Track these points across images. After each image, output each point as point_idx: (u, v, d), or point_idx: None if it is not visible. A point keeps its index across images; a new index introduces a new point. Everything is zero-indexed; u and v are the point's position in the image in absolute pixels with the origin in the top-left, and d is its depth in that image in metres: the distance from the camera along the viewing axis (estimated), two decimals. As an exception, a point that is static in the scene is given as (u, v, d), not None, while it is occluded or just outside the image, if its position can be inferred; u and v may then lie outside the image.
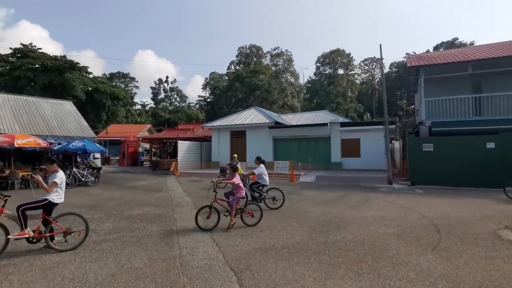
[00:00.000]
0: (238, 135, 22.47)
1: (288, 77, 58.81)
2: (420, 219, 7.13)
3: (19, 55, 43.12)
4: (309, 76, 62.81)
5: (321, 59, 56.97)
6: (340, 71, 57.27)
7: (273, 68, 58.61)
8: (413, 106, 29.01)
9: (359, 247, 5.10)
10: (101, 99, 45.39)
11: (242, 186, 6.62)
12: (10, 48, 43.58)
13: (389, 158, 14.76)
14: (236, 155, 14.55)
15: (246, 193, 8.63)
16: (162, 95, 69.17)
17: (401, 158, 20.77)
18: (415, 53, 24.67)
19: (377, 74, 59.47)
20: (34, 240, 4.76)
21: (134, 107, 59.95)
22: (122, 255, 4.70)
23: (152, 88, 69.02)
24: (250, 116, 22.54)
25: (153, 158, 26.33)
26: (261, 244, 5.26)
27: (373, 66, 60.85)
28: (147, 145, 31.89)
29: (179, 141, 21.27)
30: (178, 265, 4.31)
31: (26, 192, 11.38)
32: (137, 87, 68.84)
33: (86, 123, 23.41)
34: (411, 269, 4.12)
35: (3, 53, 43.25)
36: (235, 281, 3.80)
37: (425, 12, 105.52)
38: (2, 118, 19.08)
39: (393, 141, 23.88)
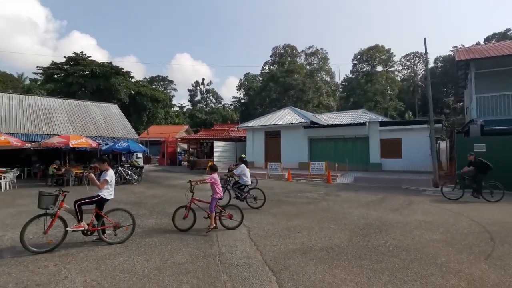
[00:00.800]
0: (272, 135, 22.48)
1: (323, 75, 57.58)
2: (471, 225, 6.58)
3: (72, 63, 47.09)
4: (345, 74, 61.16)
5: (358, 56, 55.00)
6: (379, 68, 54.79)
7: (308, 67, 57.76)
8: (461, 104, 26.90)
9: (404, 253, 4.84)
10: (142, 102, 48.04)
11: (218, 187, 6.30)
12: (64, 57, 47.81)
13: (435, 159, 13.82)
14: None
15: (230, 193, 8.86)
16: (199, 97, 71.48)
17: (448, 160, 19.34)
18: (463, 46, 22.82)
19: (420, 69, 56.00)
20: (88, 232, 5.17)
21: (172, 109, 62.65)
22: (165, 250, 4.93)
23: (189, 90, 71.64)
24: (285, 116, 22.42)
25: (191, 158, 27.27)
26: (299, 246, 5.21)
27: (416, 62, 57.40)
28: (185, 145, 33.12)
29: (215, 142, 21.81)
30: (218, 262, 4.42)
31: (79, 188, 12.42)
32: (175, 89, 71.88)
33: (129, 125, 24.91)
34: (462, 279, 3.83)
35: (58, 61, 47.63)
36: (274, 281, 3.81)
37: (473, 1, 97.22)
38: (58, 121, 21.00)
39: (438, 141, 22.33)
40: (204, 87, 71.55)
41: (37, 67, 48.98)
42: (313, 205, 9.18)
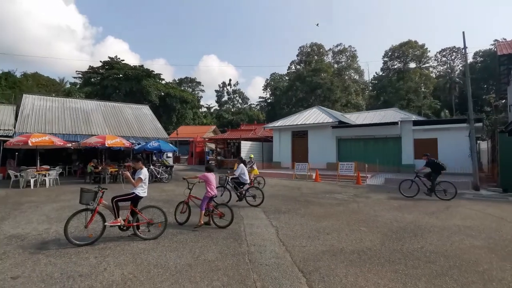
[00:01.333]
0: (299, 135, 22.25)
1: (352, 74, 56.00)
2: (518, 231, 6.10)
3: (107, 67, 49.75)
4: (375, 72, 59.04)
5: (389, 53, 52.83)
6: (412, 65, 52.27)
7: (336, 66, 56.51)
8: (503, 101, 24.97)
9: (442, 259, 4.59)
10: (172, 103, 49.61)
11: (209, 186, 6.40)
12: (100, 62, 50.62)
13: (475, 160, 12.96)
14: (252, 155, 14.62)
15: (230, 193, 9.13)
16: (226, 97, 72.47)
17: (490, 161, 18.04)
18: (505, 39, 21.12)
19: (458, 65, 52.73)
20: (124, 228, 5.43)
21: (200, 109, 64.13)
22: (196, 247, 5.05)
23: (216, 91, 72.91)
24: (312, 116, 22.11)
25: (218, 158, 27.73)
26: (329, 247, 5.12)
27: (453, 57, 54.09)
28: (212, 145, 33.74)
29: (242, 142, 22.02)
30: (247, 261, 4.45)
31: (114, 186, 13.06)
32: (202, 90, 73.47)
33: (160, 125, 25.81)
34: (505, 287, 3.56)
35: (95, 66, 50.56)
36: (304, 282, 3.76)
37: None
38: (95, 122, 22.26)
39: (479, 142, 20.91)
40: (230, 87, 72.53)
41: (76, 71, 52.45)
42: (343, 206, 8.97)
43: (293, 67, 58.96)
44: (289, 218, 7.30)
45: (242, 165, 9.29)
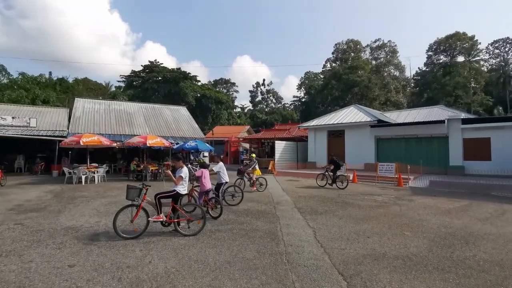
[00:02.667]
0: (336, 135, 21.66)
1: (392, 70, 53.21)
2: None
3: (147, 70, 52.50)
4: (418, 67, 55.47)
5: (434, 47, 49.36)
6: (460, 58, 48.37)
7: (374, 62, 54.13)
8: None
9: (497, 268, 4.20)
10: (207, 104, 50.98)
11: (202, 181, 6.92)
12: (141, 66, 53.54)
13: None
14: (254, 155, 14.15)
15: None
16: (259, 97, 72.80)
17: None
18: None
19: (513, 57, 47.84)
20: (166, 224, 5.67)
21: (234, 110, 65.13)
22: (234, 245, 5.13)
23: (250, 91, 73.53)
24: (350, 115, 21.39)
25: (252, 157, 27.91)
26: (370, 251, 4.91)
27: (507, 49, 49.21)
28: (246, 145, 34.10)
29: (276, 141, 21.95)
30: (285, 261, 4.42)
31: (155, 183, 13.76)
32: (237, 91, 74.52)
33: (196, 125, 26.66)
34: None
35: (136, 70, 53.56)
36: (345, 286, 3.65)
37: None
38: (137, 123, 23.59)
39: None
40: (264, 87, 72.72)
41: (120, 75, 56.06)
42: (383, 209, 8.57)
43: (328, 65, 57.52)
44: (326, 220, 7.13)
45: (221, 163, 8.91)
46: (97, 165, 15.92)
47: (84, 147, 15.51)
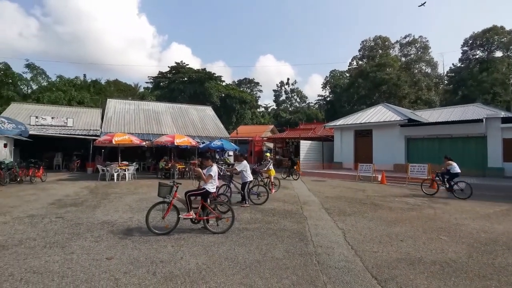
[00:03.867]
0: (363, 135, 21.07)
1: (423, 67, 50.76)
2: None
3: (173, 71, 53.89)
4: (452, 64, 52.41)
5: (470, 41, 46.48)
6: (498, 54, 45.25)
7: (403, 59, 51.93)
8: None
9: (546, 278, 3.88)
10: (231, 104, 51.46)
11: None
12: (168, 67, 55.07)
13: None
14: (268, 155, 13.71)
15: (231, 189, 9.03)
16: (283, 96, 72.41)
17: None
18: None
19: (560, 51, 43.95)
20: (196, 221, 5.79)
21: (258, 109, 65.24)
22: (262, 244, 5.13)
23: (274, 90, 73.30)
24: (378, 114, 20.71)
25: (277, 157, 27.85)
26: (404, 255, 4.71)
27: (550, 42, 45.22)
28: (270, 145, 34.06)
29: (301, 141, 21.74)
30: (315, 262, 4.36)
31: (182, 181, 14.07)
32: (260, 91, 74.56)
33: (221, 125, 27.03)
34: None
35: (163, 71, 55.19)
36: (380, 290, 3.53)
37: None
38: (165, 122, 24.32)
39: None
40: (288, 86, 72.24)
41: (148, 77, 57.99)
42: (416, 212, 8.21)
43: (355, 63, 56.02)
44: (355, 221, 6.95)
45: (245, 161, 8.95)
46: (127, 163, 16.59)
47: (115, 146, 16.22)
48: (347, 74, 59.17)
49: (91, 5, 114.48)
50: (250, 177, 8.75)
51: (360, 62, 54.27)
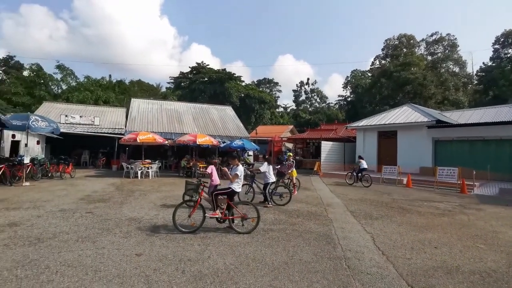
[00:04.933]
0: (387, 136, 20.42)
1: (450, 66, 48.61)
2: None
3: (194, 72, 54.69)
4: (482, 63, 49.67)
5: (501, 39, 44.07)
6: (533, 51, 42.62)
7: (429, 58, 50.00)
8: None
9: None
10: (251, 104, 51.56)
11: (212, 177, 7.24)
12: (189, 67, 55.96)
13: None
14: (291, 154, 13.13)
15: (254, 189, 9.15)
16: (303, 96, 71.72)
17: None
18: None
19: None
20: (221, 220, 5.78)
21: (277, 109, 64.98)
22: (289, 246, 5.04)
23: (294, 90, 72.76)
24: (403, 114, 20.00)
25: (297, 157, 27.57)
26: (440, 263, 4.47)
27: None
28: (290, 145, 33.79)
29: (322, 142, 21.38)
30: (345, 266, 4.22)
31: (204, 180, 14.20)
32: (280, 91, 74.26)
33: (241, 125, 27.08)
34: None
35: (184, 71, 56.15)
36: (417, 299, 3.35)
37: None
38: (186, 122, 24.68)
39: None
40: (308, 86, 71.47)
41: (170, 77, 59.15)
42: (448, 217, 7.82)
43: (377, 62, 54.50)
44: (383, 225, 6.70)
45: (266, 163, 9.10)
46: (150, 161, 16.95)
47: (139, 144, 16.62)
48: (369, 74, 57.71)
49: (116, 9, 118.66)
50: (272, 178, 8.75)
51: (383, 62, 52.78)
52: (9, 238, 4.92)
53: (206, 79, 52.08)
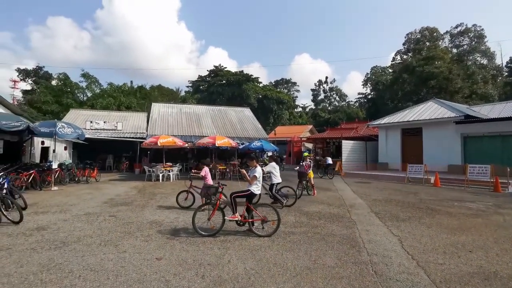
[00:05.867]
0: (411, 133, 19.64)
1: (478, 58, 46.20)
2: None
3: (212, 75, 55.27)
4: (512, 53, 46.85)
5: (534, 27, 41.39)
6: None
7: (455, 51, 47.76)
8: None
9: None
10: (269, 105, 51.39)
11: (206, 178, 7.68)
12: (207, 70, 56.64)
13: None
14: (308, 154, 12.33)
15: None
16: (322, 95, 70.64)
17: None
18: None
19: None
20: (241, 223, 5.68)
21: (295, 109, 64.36)
22: (311, 250, 4.86)
23: (312, 90, 71.76)
24: (428, 110, 19.15)
25: (317, 158, 27.11)
26: (476, 269, 4.14)
27: None
28: (310, 145, 33.34)
29: (343, 141, 20.89)
30: (372, 272, 3.99)
31: (224, 182, 14.21)
32: (298, 90, 73.48)
33: (260, 126, 26.99)
34: None
35: (203, 75, 56.89)
36: (454, 310, 3.08)
37: None
38: (205, 124, 24.91)
39: None
40: (327, 85, 70.28)
41: (188, 81, 60.22)
42: (482, 218, 7.32)
43: (399, 58, 52.71)
44: (411, 228, 6.35)
45: (274, 163, 9.10)
46: (171, 164, 17.20)
47: (160, 148, 16.91)
48: (390, 70, 55.89)
49: (135, 17, 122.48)
50: (278, 179, 8.83)
51: (404, 57, 50.99)
52: (36, 242, 5.07)
53: (224, 81, 52.52)
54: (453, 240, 5.47)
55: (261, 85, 56.92)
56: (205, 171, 7.83)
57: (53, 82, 39.36)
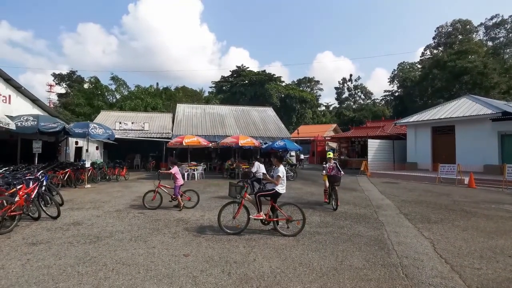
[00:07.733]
0: (443, 131, 18.70)
1: (516, 51, 43.26)
2: None
3: (235, 75, 55.75)
4: (556, 44, 43.30)
5: None
6: None
7: (490, 44, 45.01)
8: None
9: None
10: (291, 104, 51.04)
11: (177, 177, 7.95)
12: (230, 71, 57.23)
13: None
14: (331, 154, 9.24)
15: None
16: (346, 94, 69.10)
17: None
18: None
19: None
20: (266, 222, 5.69)
21: (319, 108, 63.42)
22: (338, 250, 4.77)
23: (336, 88, 70.41)
24: (461, 107, 18.15)
25: (341, 157, 26.57)
26: (518, 275, 3.87)
27: None
28: (333, 144, 32.73)
29: (369, 140, 20.29)
30: (402, 275, 3.85)
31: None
32: (321, 89, 72.38)
33: (282, 125, 26.84)
34: None
35: (225, 75, 57.55)
36: (493, 318, 2.90)
37: None
38: (228, 124, 25.17)
39: None
40: (351, 83, 68.65)
41: (212, 81, 61.18)
42: (523, 222, 6.83)
43: (428, 53, 50.44)
44: (444, 230, 6.06)
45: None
46: (196, 163, 17.56)
47: (185, 147, 17.31)
48: (419, 66, 53.62)
49: (159, 21, 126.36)
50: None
51: (435, 51, 48.74)
52: (73, 236, 5.37)
53: (246, 81, 52.81)
54: (491, 244, 5.15)
55: (283, 84, 56.67)
56: (175, 170, 7.87)
57: (85, 86, 41.51)
